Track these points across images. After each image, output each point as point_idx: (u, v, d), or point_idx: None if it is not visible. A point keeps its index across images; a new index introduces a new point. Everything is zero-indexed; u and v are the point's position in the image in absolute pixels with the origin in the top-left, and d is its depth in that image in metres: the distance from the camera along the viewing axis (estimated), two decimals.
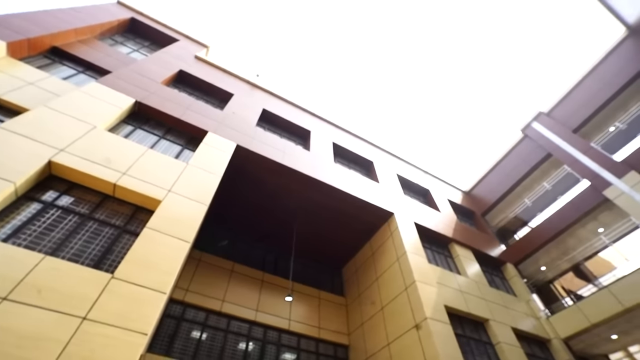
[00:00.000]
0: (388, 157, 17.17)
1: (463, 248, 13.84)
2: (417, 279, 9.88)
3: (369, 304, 11.62)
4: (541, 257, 15.18)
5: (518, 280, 14.31)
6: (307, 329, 11.42)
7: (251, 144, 10.64)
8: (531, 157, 16.76)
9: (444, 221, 14.56)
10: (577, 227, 14.04)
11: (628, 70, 14.02)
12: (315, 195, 11.62)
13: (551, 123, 16.19)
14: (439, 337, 8.51)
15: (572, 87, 16.16)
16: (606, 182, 12.67)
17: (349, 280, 13.64)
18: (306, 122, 14.70)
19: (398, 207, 12.90)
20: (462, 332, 9.96)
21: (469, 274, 12.44)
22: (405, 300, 9.86)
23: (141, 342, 5.12)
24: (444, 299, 10.05)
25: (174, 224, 7.06)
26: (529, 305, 13.19)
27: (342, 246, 13.64)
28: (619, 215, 13.07)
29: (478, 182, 19.61)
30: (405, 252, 10.77)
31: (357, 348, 11.26)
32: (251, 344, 10.18)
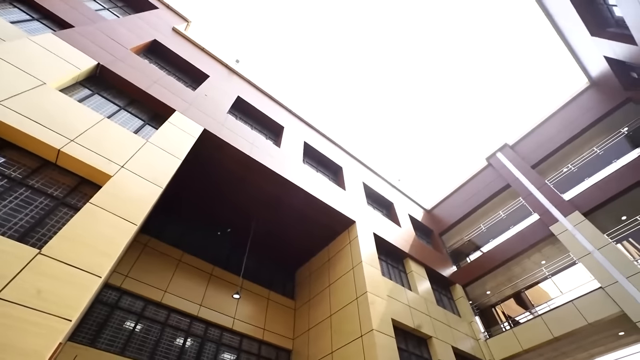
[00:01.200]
0: (357, 165, 17.23)
1: (417, 265, 14.13)
2: (369, 290, 9.87)
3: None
4: (488, 281, 15.87)
5: (464, 301, 14.84)
6: (251, 330, 11.02)
7: (220, 130, 10.15)
8: (492, 185, 17.58)
9: (403, 236, 14.80)
10: (523, 257, 14.84)
11: (585, 118, 15.17)
12: (279, 193, 11.31)
13: (513, 156, 17.08)
14: (382, 349, 8.50)
15: (536, 125, 17.22)
16: (553, 218, 13.51)
17: (301, 284, 13.41)
18: (280, 117, 14.37)
19: (360, 216, 12.91)
20: (405, 347, 10.07)
21: (420, 290, 12.68)
22: (355, 310, 9.80)
23: (63, 328, 4.54)
24: (392, 312, 10.11)
25: (123, 203, 6.47)
26: (471, 326, 13.69)
27: (299, 249, 13.40)
28: (560, 250, 13.98)
29: (440, 202, 20.25)
30: (361, 262, 10.75)
31: (300, 353, 11.04)
32: (190, 341, 9.61)
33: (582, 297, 11.38)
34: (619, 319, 10.48)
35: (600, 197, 12.76)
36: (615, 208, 12.78)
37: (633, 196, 12.37)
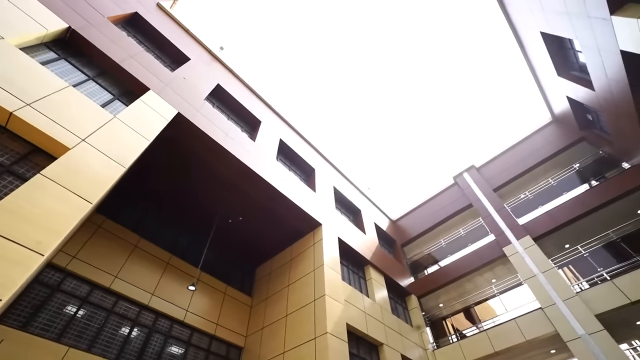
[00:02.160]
0: (330, 168, 17.34)
1: (377, 272, 14.43)
2: (327, 293, 9.92)
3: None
4: (442, 295, 16.52)
5: (418, 312, 15.34)
6: (203, 324, 10.69)
7: (194, 116, 9.82)
8: (456, 203, 18.37)
9: (367, 243, 15.06)
10: (476, 274, 15.61)
11: (544, 151, 16.31)
12: (248, 187, 11.12)
13: (478, 178, 17.98)
14: (334, 353, 8.57)
15: (502, 151, 18.27)
16: (507, 240, 14.35)
17: (260, 281, 13.24)
18: (259, 111, 14.16)
19: (327, 220, 12.99)
20: (357, 352, 10.21)
21: (377, 298, 12.95)
22: (311, 311, 9.81)
23: None
24: (348, 317, 10.23)
25: (79, 179, 6.07)
26: (422, 336, 14.17)
27: (262, 245, 13.24)
28: (509, 270, 14.87)
29: (406, 214, 20.85)
30: (323, 265, 10.80)
31: (252, 352, 10.86)
32: (136, 330, 9.15)
33: (524, 316, 12.15)
34: (552, 338, 11.31)
35: (549, 225, 13.73)
36: (560, 236, 13.81)
37: (577, 227, 13.44)
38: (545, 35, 11.93)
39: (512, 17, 13.30)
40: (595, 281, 11.85)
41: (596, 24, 8.93)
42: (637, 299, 10.15)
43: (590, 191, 13.89)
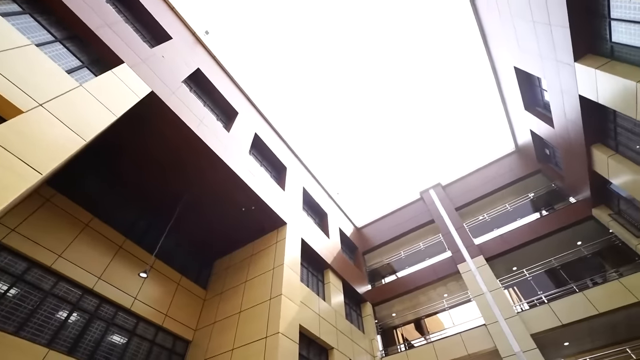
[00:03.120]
0: (302, 169, 17.33)
1: (336, 277, 14.57)
2: (284, 293, 9.87)
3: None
4: (396, 304, 16.98)
5: (371, 319, 15.66)
6: (151, 314, 10.23)
7: (169, 97, 9.43)
8: (419, 217, 19.02)
9: (329, 248, 15.18)
10: (430, 288, 16.22)
11: (505, 178, 17.35)
12: (217, 178, 10.84)
13: (443, 196, 18.75)
14: (284, 353, 8.52)
15: (468, 173, 19.19)
16: (462, 258, 15.05)
17: (217, 275, 12.91)
18: (237, 102, 13.88)
19: (293, 220, 12.95)
20: (307, 354, 10.22)
21: (333, 302, 13.06)
22: (266, 310, 9.70)
23: None
24: (302, 318, 10.23)
25: (30, 146, 5.63)
26: (372, 343, 14.46)
27: (223, 239, 12.94)
28: (461, 287, 15.59)
29: (370, 223, 21.27)
30: (283, 264, 10.73)
31: (200, 346, 10.54)
32: (75, 315, 8.56)
33: (469, 331, 12.78)
34: (491, 353, 11.97)
35: (501, 248, 14.60)
36: (510, 259, 14.71)
37: (525, 251, 14.40)
38: (518, 71, 12.73)
39: (491, 49, 14.07)
40: (534, 303, 12.72)
41: (562, 68, 9.67)
42: (568, 322, 11.04)
43: (540, 220, 14.94)
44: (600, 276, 12.70)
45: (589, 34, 8.47)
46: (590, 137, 10.53)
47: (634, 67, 7.64)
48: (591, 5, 7.82)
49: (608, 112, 9.41)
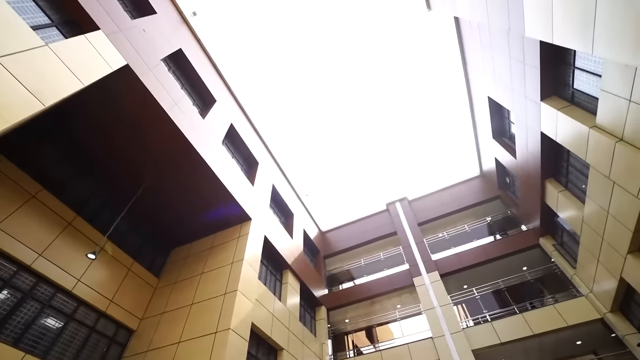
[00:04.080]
0: (274, 166, 17.18)
1: (295, 278, 14.53)
2: (240, 289, 9.68)
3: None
4: (350, 311, 17.22)
5: (324, 323, 15.75)
6: (95, 298, 9.61)
7: (144, 74, 8.98)
8: (383, 228, 19.49)
9: (291, 248, 15.13)
10: (385, 298, 16.63)
11: (467, 200, 18.24)
12: (185, 164, 10.46)
13: (408, 210, 19.34)
14: (232, 350, 8.34)
15: (434, 191, 19.98)
16: (418, 272, 15.59)
17: (173, 263, 12.42)
18: (217, 90, 13.50)
19: (258, 216, 12.78)
20: (255, 353, 10.07)
21: (288, 303, 13.00)
22: (219, 305, 9.46)
23: None
24: (255, 316, 10.08)
25: None
26: (322, 348, 14.53)
27: (184, 227, 12.49)
28: (414, 299, 16.12)
29: (335, 228, 21.49)
30: (242, 260, 10.54)
31: (143, 337, 10.05)
32: (5, 293, 7.82)
33: (416, 342, 13.23)
34: None
35: (455, 265, 15.30)
36: (462, 277, 15.45)
37: (477, 272, 15.19)
38: (491, 100, 13.48)
39: (469, 75, 14.77)
40: (479, 320, 13.44)
41: (529, 104, 10.37)
42: (506, 341, 11.80)
43: (493, 243, 15.85)
44: (539, 300, 13.68)
45: (556, 78, 9.16)
46: (546, 172, 11.36)
47: (589, 114, 8.35)
48: (560, 52, 8.47)
49: (563, 151, 10.21)
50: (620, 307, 10.51)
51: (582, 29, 6.36)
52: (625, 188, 7.67)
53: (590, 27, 6.15)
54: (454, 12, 11.94)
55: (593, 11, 5.93)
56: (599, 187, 8.65)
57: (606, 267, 9.82)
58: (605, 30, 5.85)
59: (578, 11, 6.29)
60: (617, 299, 10.21)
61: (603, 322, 11.02)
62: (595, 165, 8.44)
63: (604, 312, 10.88)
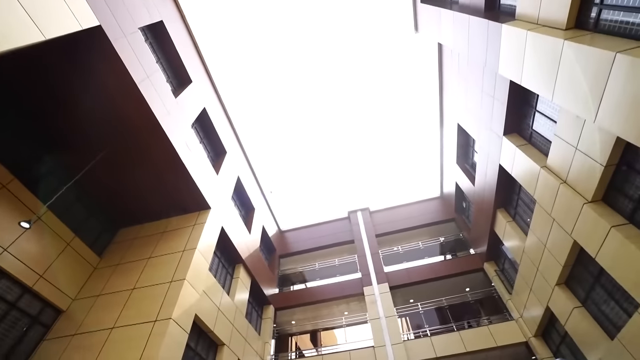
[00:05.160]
0: (242, 158, 16.77)
1: (247, 274, 14.26)
2: (187, 278, 9.31)
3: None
4: (297, 312, 17.21)
5: (270, 322, 15.58)
6: (21, 271, 8.71)
7: (118, 40, 8.39)
8: (341, 235, 19.76)
9: (248, 243, 14.86)
10: (334, 303, 16.83)
11: (424, 218, 19.03)
12: (149, 142, 9.89)
13: (368, 220, 19.78)
14: (169, 341, 7.96)
15: (395, 206, 20.61)
16: (369, 282, 15.98)
17: (119, 244, 11.66)
18: (194, 70, 12.94)
19: (218, 206, 12.41)
20: (194, 347, 9.70)
21: (236, 298, 12.71)
22: (163, 292, 9.02)
23: None
24: (199, 308, 9.72)
25: None
26: (265, 347, 14.36)
27: (137, 207, 11.81)
28: (362, 308, 16.47)
29: (294, 229, 21.44)
30: (195, 249, 10.15)
31: (73, 318, 9.28)
32: None
33: (357, 350, 13.52)
34: None
35: (405, 280, 15.89)
36: (409, 291, 16.06)
37: (423, 288, 15.87)
38: (460, 128, 14.23)
39: (444, 99, 15.45)
40: (419, 334, 14.02)
41: (492, 137, 11.08)
42: (441, 356, 12.47)
43: (442, 262, 16.69)
44: (475, 320, 14.57)
45: (519, 117, 9.89)
46: (499, 202, 12.18)
47: (542, 155, 9.10)
48: (526, 94, 9.15)
49: (516, 185, 11.00)
50: (542, 333, 11.49)
51: (547, 78, 6.93)
52: (562, 226, 8.42)
53: (553, 77, 6.72)
54: (439, 39, 12.50)
55: (557, 65, 6.50)
56: (541, 222, 9.42)
57: (536, 295, 10.69)
58: (565, 82, 6.42)
59: (546, 62, 6.85)
60: (541, 326, 11.16)
61: (527, 345, 11.97)
62: (540, 202, 9.18)
63: (529, 336, 11.82)
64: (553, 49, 6.51)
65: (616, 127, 5.51)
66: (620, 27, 5.62)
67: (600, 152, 6.71)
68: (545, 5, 6.86)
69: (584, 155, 7.17)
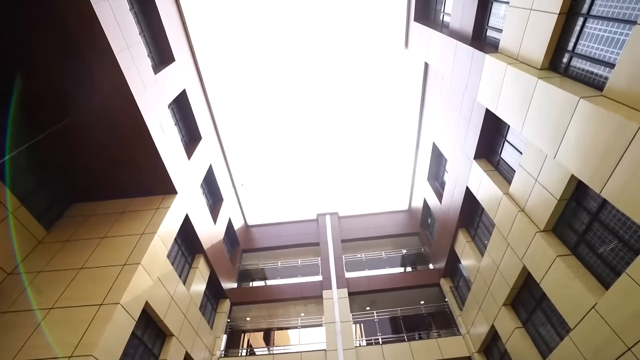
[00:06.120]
0: (217, 146, 16.31)
1: (206, 265, 13.88)
2: (143, 263, 8.89)
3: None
4: (254, 309, 16.98)
5: (224, 317, 15.24)
6: None
7: (99, 2, 7.90)
8: (308, 236, 19.77)
9: (211, 234, 14.48)
10: (291, 304, 16.77)
11: (390, 229, 19.50)
12: (119, 116, 9.37)
13: (336, 225, 19.94)
14: (114, 327, 7.54)
15: (364, 214, 20.96)
16: (330, 285, 16.08)
17: (71, 219, 10.91)
18: (179, 49, 12.45)
19: (186, 192, 12.00)
20: (140, 335, 9.27)
21: (192, 289, 12.31)
22: (114, 275, 8.54)
23: None
24: (151, 296, 9.30)
25: None
26: (216, 342, 14.01)
27: (96, 183, 11.14)
28: (319, 311, 16.53)
29: (261, 224, 21.18)
30: (155, 233, 9.73)
31: (5, 294, 8.51)
32: None
33: (309, 352, 13.55)
34: None
35: (364, 287, 16.17)
36: (367, 299, 16.36)
37: (381, 296, 16.24)
38: (435, 146, 14.74)
39: (423, 117, 15.93)
40: (371, 342, 14.29)
41: (463, 159, 11.59)
42: None
43: (402, 274, 17.17)
44: (426, 333, 15.09)
45: (490, 144, 10.41)
46: (461, 222, 12.73)
47: (506, 182, 9.63)
48: (499, 123, 9.67)
49: (479, 208, 11.56)
50: (485, 350, 12.13)
51: (519, 111, 7.36)
52: (515, 251, 8.95)
53: (524, 111, 7.16)
54: (426, 58, 12.92)
55: (530, 100, 6.93)
56: (497, 245, 9.96)
57: (484, 313, 11.27)
58: (535, 118, 6.86)
59: (519, 96, 7.29)
60: (485, 342, 11.77)
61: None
62: (499, 226, 9.71)
63: (472, 351, 12.42)
64: (527, 85, 6.93)
65: (572, 165, 5.96)
66: (587, 75, 6.10)
67: (556, 187, 7.21)
68: (526, 44, 7.30)
69: (542, 187, 7.68)
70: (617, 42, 5.40)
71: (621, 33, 5.32)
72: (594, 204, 6.61)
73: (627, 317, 5.59)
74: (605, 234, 6.40)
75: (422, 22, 12.96)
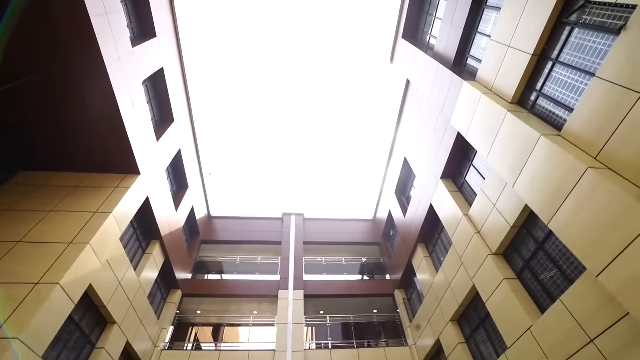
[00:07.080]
0: (189, 129, 15.64)
1: (161, 252, 13.30)
2: (91, 243, 8.33)
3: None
4: (206, 303, 16.47)
5: (173, 308, 14.65)
6: None
7: None
8: (271, 234, 19.55)
9: (171, 220, 13.92)
10: (245, 301, 16.46)
11: (353, 237, 19.85)
12: (86, 85, 8.77)
13: (301, 226, 19.91)
14: (49, 309, 7.00)
15: (330, 218, 21.14)
16: (286, 286, 15.99)
17: (16, 186, 10.00)
18: (162, 25, 11.85)
19: (149, 174, 11.43)
20: (78, 320, 8.66)
21: (143, 275, 11.72)
22: (57, 253, 7.92)
23: None
24: (96, 278, 8.73)
25: None
26: (161, 333, 13.40)
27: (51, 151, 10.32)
28: (272, 311, 16.35)
29: (224, 217, 20.67)
30: (109, 213, 9.17)
31: None
32: None
33: (258, 352, 13.35)
34: None
35: (321, 291, 16.25)
36: (322, 303, 16.44)
37: (336, 302, 16.40)
38: (406, 162, 15.22)
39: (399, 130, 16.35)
40: (321, 346, 14.38)
41: (431, 178, 12.06)
42: None
43: (359, 282, 17.49)
44: (375, 341, 15.42)
45: (457, 166, 10.93)
46: (422, 237, 13.21)
47: (467, 204, 10.15)
48: (467, 148, 10.18)
49: (440, 225, 12.07)
50: None
51: (487, 139, 7.81)
52: (467, 270, 9.43)
53: (492, 140, 7.60)
54: (408, 75, 13.34)
55: (497, 130, 7.38)
56: (452, 263, 10.44)
57: (432, 327, 11.73)
58: (500, 147, 7.31)
59: (489, 125, 7.74)
60: (429, 355, 12.24)
61: None
62: (455, 245, 10.19)
63: None
64: (497, 116, 7.37)
65: (527, 196, 6.40)
66: (549, 115, 6.61)
67: (511, 214, 7.71)
68: (500, 78, 7.78)
69: (498, 213, 8.17)
70: (578, 90, 5.91)
71: (582, 82, 5.84)
72: (541, 233, 7.14)
73: (557, 341, 6.08)
74: (548, 263, 6.93)
75: (409, 41, 13.39)
